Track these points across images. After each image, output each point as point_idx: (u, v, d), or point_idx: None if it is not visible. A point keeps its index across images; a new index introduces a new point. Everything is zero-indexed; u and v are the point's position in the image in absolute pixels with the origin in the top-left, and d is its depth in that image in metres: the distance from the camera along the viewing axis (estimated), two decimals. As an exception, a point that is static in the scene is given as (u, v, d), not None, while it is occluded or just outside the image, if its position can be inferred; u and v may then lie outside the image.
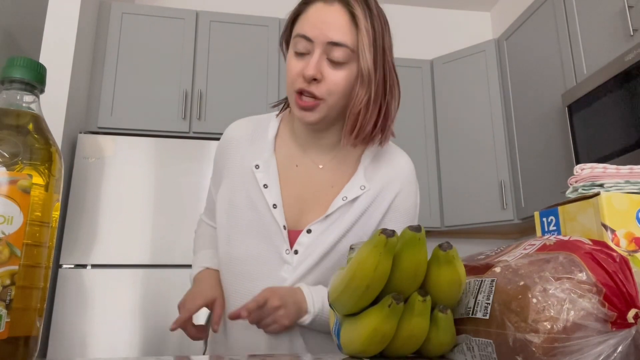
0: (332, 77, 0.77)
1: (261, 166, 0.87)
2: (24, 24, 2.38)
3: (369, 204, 0.85)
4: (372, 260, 0.44)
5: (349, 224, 0.83)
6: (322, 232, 0.83)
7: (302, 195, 0.86)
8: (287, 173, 0.87)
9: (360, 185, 0.85)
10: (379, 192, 0.86)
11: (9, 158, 0.43)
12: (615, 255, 0.39)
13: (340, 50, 0.76)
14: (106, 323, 1.92)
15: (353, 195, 0.84)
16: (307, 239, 0.83)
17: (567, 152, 2.11)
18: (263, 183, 0.85)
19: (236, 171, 0.89)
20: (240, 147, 0.92)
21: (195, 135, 2.36)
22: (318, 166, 0.88)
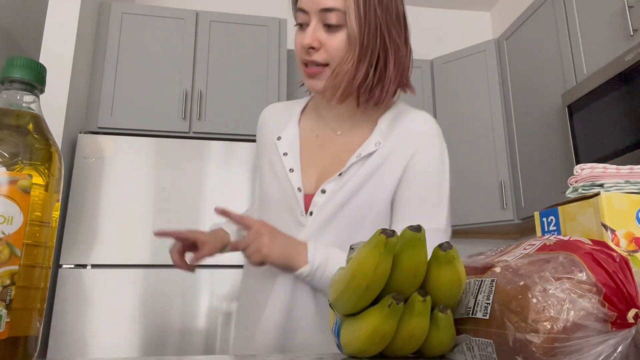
0: (330, 42, 0.81)
1: (283, 137, 0.92)
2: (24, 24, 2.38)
3: (383, 160, 0.84)
4: (372, 260, 0.44)
5: (361, 180, 0.83)
6: (336, 191, 0.83)
7: (321, 161, 0.89)
8: (307, 143, 0.92)
9: (375, 142, 0.85)
10: (393, 149, 0.85)
11: (9, 158, 0.43)
12: (615, 255, 0.39)
13: (333, 15, 0.80)
14: (106, 323, 1.92)
15: (367, 152, 0.85)
16: (321, 199, 0.84)
17: (567, 152, 2.11)
18: (283, 151, 0.90)
19: (265, 145, 0.96)
20: (268, 125, 0.97)
21: (195, 135, 2.37)
22: (336, 133, 0.91)
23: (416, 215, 0.82)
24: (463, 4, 3.38)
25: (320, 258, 0.78)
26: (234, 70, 2.48)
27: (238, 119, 2.41)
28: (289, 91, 2.55)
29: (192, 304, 2.00)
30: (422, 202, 0.83)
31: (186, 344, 1.95)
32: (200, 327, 1.98)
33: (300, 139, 0.92)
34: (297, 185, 0.86)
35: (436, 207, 0.83)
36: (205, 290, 2.02)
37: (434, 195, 0.83)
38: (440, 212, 0.83)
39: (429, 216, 0.82)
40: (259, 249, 0.76)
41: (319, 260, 0.78)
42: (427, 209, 0.82)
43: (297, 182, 0.86)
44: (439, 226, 0.82)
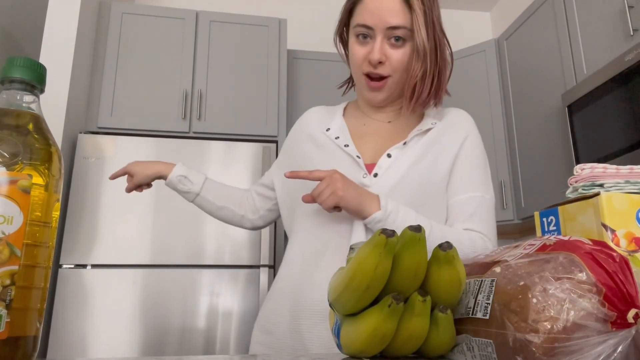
0: (395, 56, 0.87)
1: (332, 128, 0.97)
2: (24, 24, 2.39)
3: (439, 136, 0.92)
4: (372, 260, 0.44)
5: (422, 150, 0.90)
6: (400, 157, 0.89)
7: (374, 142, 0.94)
8: (358, 131, 0.96)
9: (432, 122, 0.94)
10: (447, 130, 0.93)
11: (9, 158, 0.43)
12: (615, 255, 0.39)
13: (398, 32, 0.86)
14: (106, 323, 1.92)
15: (426, 127, 0.92)
16: (387, 163, 0.88)
17: (567, 152, 2.11)
18: (335, 136, 0.95)
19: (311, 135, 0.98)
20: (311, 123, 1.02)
21: (195, 135, 2.37)
22: (387, 122, 0.97)
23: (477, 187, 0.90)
24: (463, 4, 3.38)
25: (392, 207, 0.82)
26: (234, 70, 2.48)
27: (238, 119, 2.41)
28: (289, 91, 2.56)
29: (192, 304, 2.00)
30: (480, 175, 0.92)
31: (186, 344, 1.96)
32: (200, 327, 1.98)
33: (348, 128, 0.97)
34: (354, 153, 0.90)
35: (488, 181, 0.93)
36: (205, 290, 2.02)
37: (485, 172, 0.94)
38: (490, 185, 0.93)
39: (486, 188, 0.92)
40: (335, 191, 0.79)
41: (390, 208, 0.81)
42: (483, 182, 0.92)
43: (354, 152, 0.91)
44: (492, 196, 0.92)
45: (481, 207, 0.89)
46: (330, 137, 0.95)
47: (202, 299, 2.01)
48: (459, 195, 0.90)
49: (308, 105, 2.06)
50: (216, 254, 2.07)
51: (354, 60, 0.92)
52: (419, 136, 0.92)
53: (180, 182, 1.06)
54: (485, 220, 0.89)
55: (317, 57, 2.70)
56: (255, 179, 2.18)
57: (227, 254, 2.07)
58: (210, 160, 2.18)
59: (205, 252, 2.06)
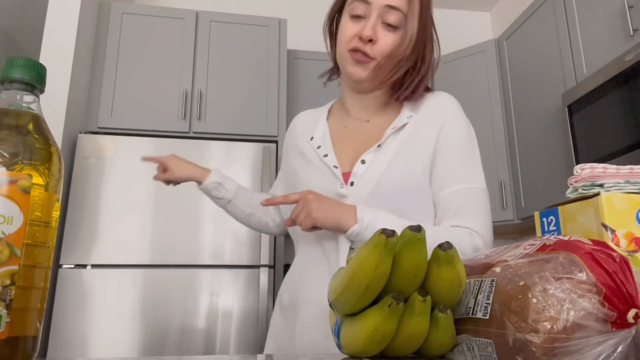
0: (385, 39, 0.86)
1: (315, 136, 0.97)
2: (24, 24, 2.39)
3: (415, 129, 0.89)
4: (372, 260, 0.44)
5: (397, 149, 0.87)
6: (375, 160, 0.87)
7: (352, 144, 0.93)
8: (337, 134, 0.97)
9: (407, 115, 0.92)
10: (422, 121, 0.91)
11: (9, 158, 0.43)
12: (615, 255, 0.39)
13: (394, 14, 0.85)
14: (106, 323, 1.92)
15: (401, 123, 0.90)
16: (361, 169, 0.87)
17: (567, 152, 2.11)
18: (317, 146, 0.95)
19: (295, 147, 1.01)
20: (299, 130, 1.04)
21: (195, 135, 2.37)
22: (365, 121, 0.96)
23: (461, 178, 0.86)
24: (463, 4, 3.38)
25: (369, 217, 0.80)
26: (234, 70, 2.48)
27: (238, 119, 2.41)
28: (289, 91, 2.56)
29: (192, 304, 2.00)
30: (463, 165, 0.88)
31: (186, 344, 1.96)
32: (200, 327, 1.99)
33: (330, 133, 0.97)
34: (332, 164, 0.90)
35: (475, 169, 0.89)
36: (205, 290, 2.02)
37: (470, 159, 0.89)
38: (478, 173, 0.89)
39: (472, 177, 0.87)
40: (309, 213, 0.79)
41: (367, 219, 0.80)
42: (468, 171, 0.87)
43: (332, 161, 0.91)
44: (481, 185, 0.87)
45: (467, 200, 0.85)
46: (313, 147, 0.95)
47: (202, 299, 2.01)
48: (442, 191, 0.86)
49: (308, 105, 2.06)
50: (216, 254, 2.07)
51: (343, 37, 0.89)
52: (394, 134, 0.90)
53: (215, 188, 1.06)
54: (473, 213, 0.84)
55: (317, 57, 2.70)
56: (255, 179, 2.18)
57: (227, 254, 2.07)
58: (210, 160, 2.18)
59: (205, 252, 2.06)
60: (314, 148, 0.95)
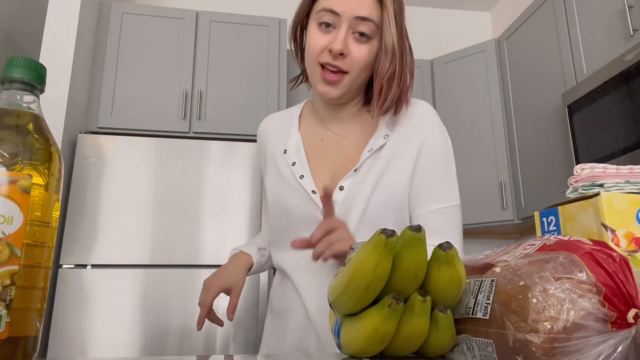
0: (357, 52, 0.81)
1: (288, 149, 0.92)
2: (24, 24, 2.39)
3: (395, 151, 0.86)
4: (372, 260, 0.44)
5: (378, 174, 0.84)
6: (354, 187, 0.84)
7: (330, 164, 0.89)
8: (313, 148, 0.92)
9: (384, 135, 0.88)
10: (403, 139, 0.87)
11: (9, 158, 0.43)
12: (615, 255, 0.39)
13: (366, 25, 0.80)
14: (106, 323, 1.92)
15: (378, 145, 0.87)
16: (340, 196, 0.84)
17: (567, 152, 2.11)
18: (291, 162, 0.90)
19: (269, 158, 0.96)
20: (270, 137, 0.99)
21: (195, 135, 2.37)
22: (342, 136, 0.92)
23: (437, 196, 0.85)
24: (463, 4, 3.38)
25: None
26: (234, 70, 2.48)
27: (238, 119, 2.41)
28: (289, 91, 2.55)
29: (192, 304, 2.00)
30: (440, 184, 0.86)
31: (186, 344, 1.95)
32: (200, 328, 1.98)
33: (304, 145, 0.93)
34: (310, 189, 0.86)
35: (451, 185, 0.87)
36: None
37: (448, 176, 0.87)
38: (454, 189, 0.87)
39: (448, 195, 0.86)
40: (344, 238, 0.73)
41: None
42: (445, 188, 0.86)
43: (310, 185, 0.87)
44: (456, 202, 0.87)
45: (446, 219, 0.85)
46: (288, 163, 0.90)
47: (202, 299, 2.01)
48: (421, 209, 0.85)
49: (308, 105, 2.06)
50: (216, 253, 2.06)
51: (311, 49, 0.83)
52: (372, 158, 0.86)
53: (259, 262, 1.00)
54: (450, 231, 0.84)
55: (317, 57, 2.70)
56: (255, 179, 2.18)
57: (226, 254, 2.07)
58: (210, 160, 2.18)
59: (205, 252, 2.06)
60: (289, 164, 0.90)
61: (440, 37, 3.32)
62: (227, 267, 0.95)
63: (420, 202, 0.85)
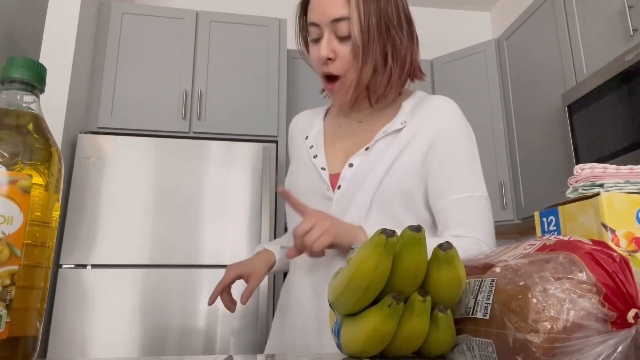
0: (344, 51, 0.84)
1: (310, 135, 0.98)
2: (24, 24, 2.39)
3: (411, 137, 0.87)
4: (372, 260, 0.44)
5: (388, 154, 0.85)
6: (363, 164, 0.86)
7: (344, 145, 0.92)
8: (332, 134, 0.97)
9: (401, 121, 0.89)
10: (420, 128, 0.87)
11: (9, 158, 0.43)
12: (615, 255, 0.39)
13: (343, 24, 0.83)
14: (106, 323, 1.92)
15: (393, 128, 0.88)
16: (349, 173, 0.86)
17: (567, 152, 2.11)
18: (310, 145, 0.95)
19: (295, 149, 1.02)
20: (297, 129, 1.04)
21: (195, 135, 2.37)
22: (358, 122, 0.95)
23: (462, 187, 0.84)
24: (463, 4, 3.38)
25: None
26: (234, 70, 2.48)
27: (238, 119, 2.41)
28: (289, 91, 2.56)
29: (192, 304, 2.00)
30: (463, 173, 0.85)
31: (186, 344, 1.95)
32: (200, 327, 1.99)
33: (324, 132, 0.98)
34: (320, 165, 0.90)
35: (475, 176, 0.86)
36: (205, 290, 2.02)
37: (471, 166, 0.86)
38: (480, 181, 0.86)
39: (472, 185, 0.85)
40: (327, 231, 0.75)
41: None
42: (468, 178, 0.85)
43: (321, 163, 0.91)
44: (483, 193, 0.85)
45: (470, 209, 0.83)
46: (307, 146, 0.96)
47: (202, 299, 2.01)
48: (443, 200, 0.84)
49: (308, 105, 2.06)
50: (216, 253, 2.07)
51: (312, 63, 0.90)
52: (384, 139, 0.87)
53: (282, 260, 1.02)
54: (477, 222, 0.82)
55: (317, 57, 2.70)
56: (255, 179, 2.18)
57: (227, 254, 2.07)
58: (210, 160, 2.18)
59: (205, 252, 2.06)
60: (307, 147, 0.95)
61: (440, 37, 3.32)
62: (250, 258, 0.98)
63: (443, 192, 0.84)
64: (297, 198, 0.85)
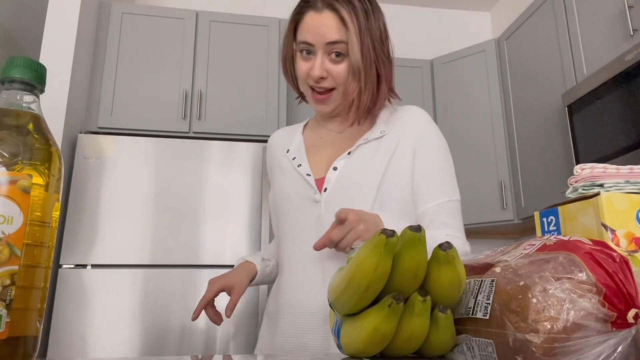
0: (336, 71, 0.90)
1: (291, 149, 1.02)
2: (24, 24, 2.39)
3: (396, 145, 0.93)
4: (372, 260, 0.44)
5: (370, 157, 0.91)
6: (347, 167, 0.91)
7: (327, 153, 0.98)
8: (313, 145, 1.02)
9: (380, 130, 0.95)
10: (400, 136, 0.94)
11: (9, 158, 0.43)
12: (615, 255, 0.39)
13: (338, 46, 0.89)
14: (106, 323, 1.92)
15: (373, 137, 0.94)
16: (334, 175, 0.92)
17: (567, 152, 2.11)
18: (292, 157, 1.00)
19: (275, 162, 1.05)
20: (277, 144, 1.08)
21: (195, 135, 2.37)
22: (338, 132, 1.01)
23: (439, 191, 0.91)
24: (463, 4, 3.38)
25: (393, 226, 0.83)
26: (234, 70, 2.48)
27: (238, 119, 2.41)
28: (288, 91, 2.56)
29: (192, 304, 2.00)
30: (441, 179, 0.92)
31: (186, 344, 1.96)
32: (200, 327, 1.99)
33: (305, 144, 1.02)
34: (305, 172, 0.95)
35: (452, 181, 0.94)
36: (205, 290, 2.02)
37: (449, 172, 0.94)
38: (454, 184, 0.94)
39: (449, 190, 0.92)
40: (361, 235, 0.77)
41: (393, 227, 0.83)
42: (446, 184, 0.92)
43: (305, 170, 0.95)
44: (458, 197, 0.93)
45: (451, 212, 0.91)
46: (289, 159, 1.00)
47: (202, 299, 2.01)
48: (428, 204, 0.91)
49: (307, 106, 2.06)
50: (216, 253, 2.06)
51: (300, 75, 0.95)
52: (365, 145, 0.94)
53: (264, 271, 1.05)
54: (457, 223, 0.91)
55: (317, 57, 2.70)
56: (255, 179, 2.18)
57: (226, 254, 2.07)
58: (211, 160, 2.18)
59: (205, 252, 2.06)
60: (290, 159, 1.00)
61: (440, 37, 3.32)
62: (231, 270, 1.01)
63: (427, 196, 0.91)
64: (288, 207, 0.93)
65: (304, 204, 0.93)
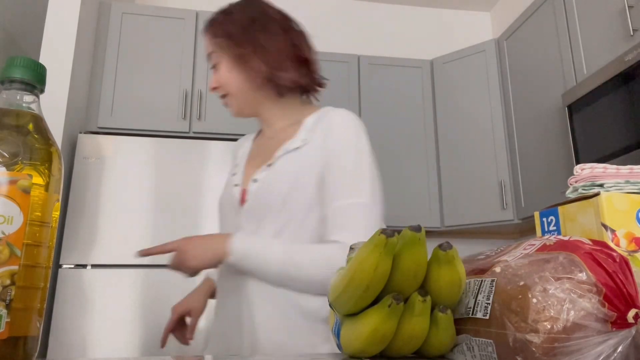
0: (217, 78, 0.99)
1: (237, 156, 1.08)
2: (24, 24, 2.39)
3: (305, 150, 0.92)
4: (372, 260, 0.44)
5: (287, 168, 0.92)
6: (267, 179, 0.92)
7: (256, 163, 1.00)
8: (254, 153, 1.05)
9: (301, 139, 0.94)
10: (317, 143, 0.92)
11: (9, 158, 0.43)
12: (615, 255, 0.39)
13: (212, 57, 0.99)
14: (106, 323, 1.92)
15: (293, 147, 0.93)
16: (254, 187, 0.93)
17: (567, 152, 2.11)
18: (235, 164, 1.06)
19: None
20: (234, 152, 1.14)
21: (195, 135, 2.36)
22: (269, 138, 1.03)
23: (338, 193, 0.87)
24: (463, 4, 3.38)
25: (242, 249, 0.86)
26: (234, 70, 2.48)
27: (238, 119, 2.41)
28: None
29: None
30: (342, 180, 0.88)
31: (186, 344, 1.95)
32: (200, 327, 1.98)
33: (250, 152, 1.06)
34: (234, 182, 0.99)
35: (356, 184, 0.87)
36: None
37: (353, 173, 0.88)
38: (361, 187, 0.87)
39: (348, 192, 0.87)
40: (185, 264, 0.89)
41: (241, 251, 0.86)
42: (346, 186, 0.87)
43: (236, 180, 0.99)
44: (358, 200, 0.86)
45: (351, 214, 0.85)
46: (232, 165, 1.06)
47: (202, 299, 2.01)
48: (329, 206, 0.87)
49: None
50: (216, 254, 2.07)
51: None
52: (288, 157, 0.93)
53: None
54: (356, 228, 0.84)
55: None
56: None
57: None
58: (211, 160, 2.18)
59: (205, 252, 2.06)
60: (233, 166, 1.05)
61: (440, 37, 3.32)
62: (191, 293, 1.11)
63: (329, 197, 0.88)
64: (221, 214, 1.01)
65: (231, 213, 0.97)
